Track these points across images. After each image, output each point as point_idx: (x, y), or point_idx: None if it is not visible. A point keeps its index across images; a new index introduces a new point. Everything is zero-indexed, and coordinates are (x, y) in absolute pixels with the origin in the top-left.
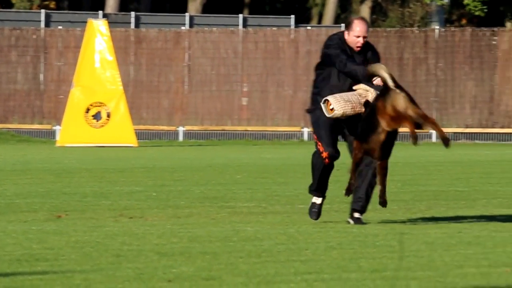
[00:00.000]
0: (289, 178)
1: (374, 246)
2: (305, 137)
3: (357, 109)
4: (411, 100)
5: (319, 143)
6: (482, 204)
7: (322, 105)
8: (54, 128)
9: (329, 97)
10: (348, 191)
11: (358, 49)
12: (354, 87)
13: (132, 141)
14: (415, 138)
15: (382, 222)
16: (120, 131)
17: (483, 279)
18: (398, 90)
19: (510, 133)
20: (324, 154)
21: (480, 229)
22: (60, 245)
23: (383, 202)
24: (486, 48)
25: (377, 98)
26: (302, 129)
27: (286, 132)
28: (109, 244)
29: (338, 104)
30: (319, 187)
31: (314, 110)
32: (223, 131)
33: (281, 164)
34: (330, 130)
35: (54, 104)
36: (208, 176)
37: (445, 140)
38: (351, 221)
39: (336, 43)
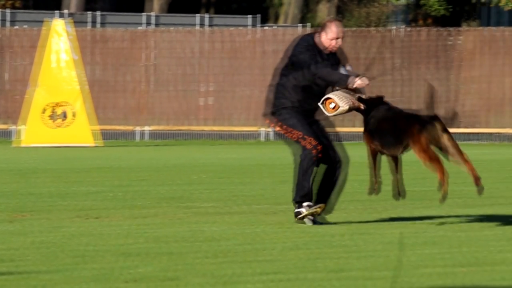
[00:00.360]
0: (247, 178)
1: (331, 246)
2: (270, 137)
3: (356, 104)
4: (446, 130)
5: (304, 141)
6: (438, 204)
7: (321, 106)
8: (10, 128)
9: (331, 95)
10: (372, 190)
11: (333, 50)
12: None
13: (94, 141)
14: (444, 192)
15: (339, 223)
16: (82, 131)
17: (439, 279)
18: (439, 127)
19: (472, 133)
20: (314, 151)
21: (436, 230)
22: (25, 246)
23: (399, 193)
24: (445, 48)
25: (414, 120)
26: (260, 129)
27: (244, 132)
28: (70, 244)
29: (342, 101)
30: (310, 191)
31: (276, 112)
32: (184, 131)
33: (239, 164)
34: (307, 124)
35: (11, 104)
36: (167, 176)
37: (477, 181)
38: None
39: (306, 46)
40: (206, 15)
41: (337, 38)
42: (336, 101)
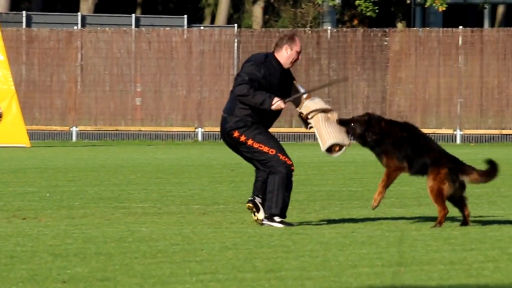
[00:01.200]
0: (183, 178)
1: (269, 246)
2: (199, 137)
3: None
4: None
5: (280, 155)
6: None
7: (328, 153)
8: None
9: (333, 142)
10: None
11: (293, 65)
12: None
13: (25, 142)
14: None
15: None
16: (12, 131)
17: (376, 279)
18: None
19: None
20: (289, 162)
21: (374, 229)
22: None
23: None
24: (377, 48)
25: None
26: (196, 130)
27: (180, 132)
28: (2, 245)
29: (344, 139)
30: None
31: (244, 126)
32: (116, 131)
33: (175, 164)
34: (275, 139)
35: None
36: (102, 177)
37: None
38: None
39: (255, 65)
40: (135, 15)
41: (300, 51)
42: (340, 143)
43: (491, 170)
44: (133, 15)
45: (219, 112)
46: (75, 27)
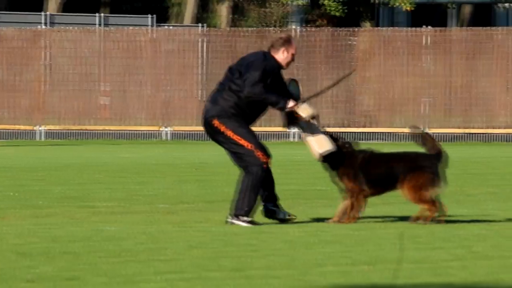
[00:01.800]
0: (149, 177)
1: (235, 245)
2: (165, 136)
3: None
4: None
5: (256, 150)
6: (339, 203)
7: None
8: None
9: (325, 151)
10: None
11: (287, 66)
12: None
13: None
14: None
15: None
16: None
17: (342, 277)
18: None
19: (369, 132)
20: (265, 159)
21: (340, 228)
22: None
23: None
24: (344, 48)
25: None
26: (161, 129)
27: (146, 132)
28: None
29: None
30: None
31: (225, 116)
32: (82, 131)
33: (141, 163)
34: (254, 135)
35: None
36: (67, 176)
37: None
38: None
39: (266, 65)
40: (101, 15)
41: (295, 54)
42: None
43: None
44: (100, 14)
45: (186, 111)
46: (41, 27)
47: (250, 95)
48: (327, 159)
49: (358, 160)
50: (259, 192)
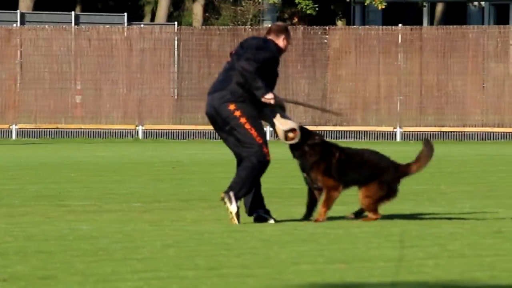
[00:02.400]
0: (124, 176)
1: (210, 244)
2: (140, 135)
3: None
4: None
5: (264, 147)
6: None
7: (286, 141)
8: None
9: (288, 128)
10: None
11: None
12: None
13: None
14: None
15: (218, 220)
16: None
17: (318, 276)
18: None
19: (343, 130)
20: (268, 158)
21: (315, 226)
22: None
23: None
24: (318, 46)
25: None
26: (136, 127)
27: (120, 130)
28: None
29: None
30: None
31: (243, 102)
32: (57, 129)
33: (116, 162)
34: (263, 129)
35: None
36: (42, 175)
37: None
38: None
39: (273, 51)
40: (75, 13)
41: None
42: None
43: (423, 152)
44: (73, 12)
45: (160, 109)
46: (14, 25)
47: (241, 70)
48: (294, 146)
49: (336, 156)
50: (255, 186)
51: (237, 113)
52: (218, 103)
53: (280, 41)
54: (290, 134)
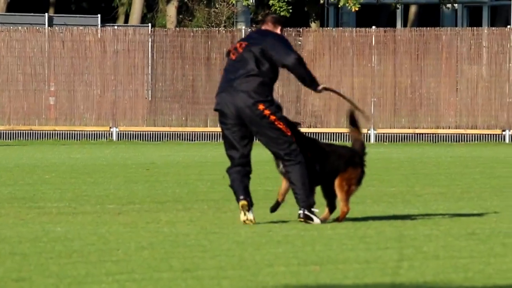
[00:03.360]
0: (98, 178)
1: (185, 245)
2: (114, 137)
3: None
4: None
5: (296, 146)
6: (291, 203)
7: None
8: None
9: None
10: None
11: None
12: None
13: None
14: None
15: (193, 222)
16: None
17: (293, 278)
18: None
19: (317, 132)
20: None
21: (289, 228)
22: None
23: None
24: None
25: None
26: (110, 129)
27: (94, 132)
28: None
29: None
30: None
31: (274, 105)
32: (30, 131)
33: (90, 164)
34: None
35: None
36: (16, 176)
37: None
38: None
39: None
40: (48, 15)
41: None
42: None
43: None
44: (46, 14)
45: (134, 111)
46: None
47: (298, 60)
48: None
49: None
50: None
51: (267, 112)
52: (251, 102)
53: (278, 31)
54: None
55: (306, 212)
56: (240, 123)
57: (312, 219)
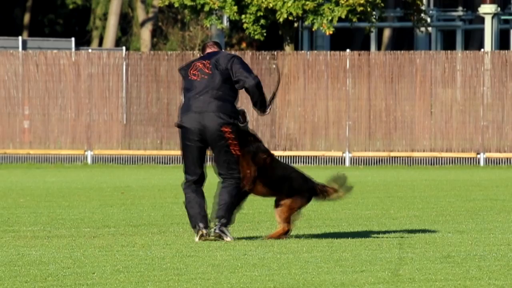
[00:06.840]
0: (73, 201)
1: (160, 269)
2: (88, 160)
3: None
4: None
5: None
6: (266, 226)
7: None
8: None
9: None
10: None
11: None
12: None
13: None
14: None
15: (168, 245)
16: None
17: None
18: None
19: (292, 155)
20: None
21: (265, 251)
22: None
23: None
24: (266, 71)
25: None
26: (85, 152)
27: (69, 155)
28: None
29: None
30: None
31: (235, 125)
32: (4, 154)
33: (65, 187)
34: None
35: None
36: None
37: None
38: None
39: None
40: (22, 38)
41: None
42: None
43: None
44: (20, 37)
45: (109, 134)
46: None
47: (258, 84)
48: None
49: (262, 155)
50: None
51: (229, 135)
52: (220, 124)
53: None
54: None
55: (222, 228)
56: (202, 140)
57: (225, 236)
